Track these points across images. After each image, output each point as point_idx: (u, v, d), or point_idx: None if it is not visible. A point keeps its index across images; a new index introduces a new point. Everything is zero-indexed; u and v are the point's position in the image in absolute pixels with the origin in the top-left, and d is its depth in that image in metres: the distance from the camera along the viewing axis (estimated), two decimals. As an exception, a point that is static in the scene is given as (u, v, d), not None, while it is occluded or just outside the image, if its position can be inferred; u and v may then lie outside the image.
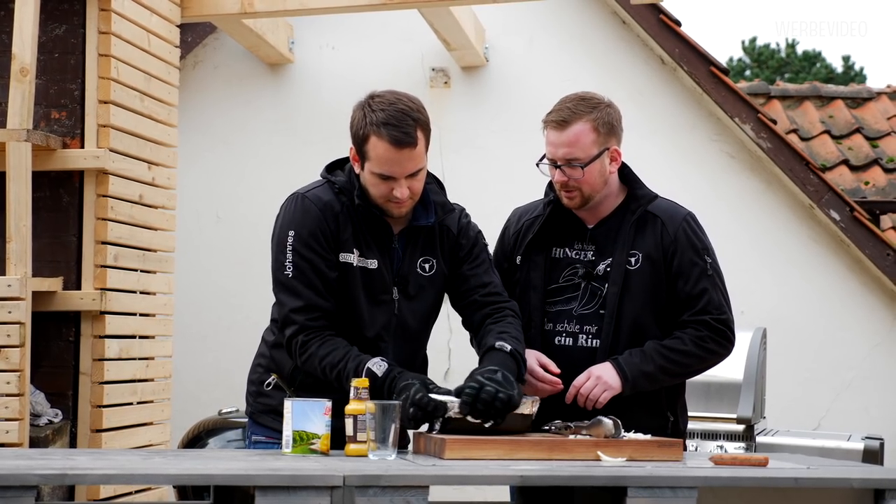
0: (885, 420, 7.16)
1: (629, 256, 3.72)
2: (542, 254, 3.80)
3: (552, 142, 3.72)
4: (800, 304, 7.28)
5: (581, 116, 3.71)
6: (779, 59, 26.79)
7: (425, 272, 3.64)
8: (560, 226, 3.81)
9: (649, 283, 3.71)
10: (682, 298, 3.73)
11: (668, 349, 3.69)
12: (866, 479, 3.23)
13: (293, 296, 3.51)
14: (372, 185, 3.52)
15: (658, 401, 3.77)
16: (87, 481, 2.90)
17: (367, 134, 3.47)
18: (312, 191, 3.60)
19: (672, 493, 3.01)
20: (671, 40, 7.20)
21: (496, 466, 3.10)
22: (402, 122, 3.45)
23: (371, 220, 3.57)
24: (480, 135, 7.43)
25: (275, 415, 3.58)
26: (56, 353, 5.31)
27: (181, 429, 6.32)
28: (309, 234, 3.52)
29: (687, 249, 3.74)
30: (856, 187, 9.22)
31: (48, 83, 5.36)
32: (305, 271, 3.50)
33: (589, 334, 3.73)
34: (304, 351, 3.50)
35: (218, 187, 7.60)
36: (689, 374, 3.80)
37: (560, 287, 3.78)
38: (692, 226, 3.79)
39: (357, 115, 3.52)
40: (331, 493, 2.85)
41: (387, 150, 3.45)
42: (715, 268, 3.78)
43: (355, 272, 3.54)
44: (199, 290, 7.40)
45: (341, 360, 3.45)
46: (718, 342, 3.74)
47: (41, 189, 5.26)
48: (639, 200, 3.79)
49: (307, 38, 7.62)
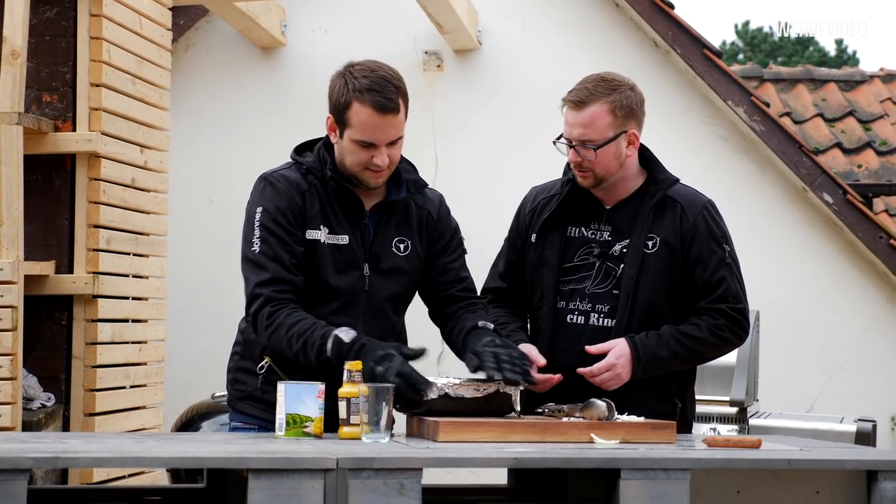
0: (877, 402, 7.18)
1: (647, 239, 3.71)
2: (557, 232, 3.79)
3: (568, 121, 3.70)
4: (793, 287, 7.29)
5: (599, 98, 3.66)
6: (772, 42, 26.78)
7: (399, 252, 3.64)
8: (577, 205, 3.79)
9: (666, 267, 3.70)
10: (699, 285, 3.72)
11: (684, 335, 3.68)
12: (859, 460, 3.24)
13: (259, 269, 3.50)
14: (351, 153, 3.52)
15: (667, 387, 3.76)
16: (80, 464, 2.90)
17: (349, 101, 3.48)
18: (279, 171, 3.62)
19: (665, 475, 3.02)
20: (664, 23, 7.19)
21: (490, 449, 3.10)
22: (385, 89, 3.47)
23: (341, 196, 3.57)
24: (473, 118, 7.42)
25: (251, 401, 3.60)
26: (48, 337, 5.31)
27: (174, 413, 6.31)
28: (276, 210, 3.52)
29: (706, 237, 3.73)
30: (849, 170, 9.23)
31: (39, 66, 5.34)
32: (273, 245, 3.50)
33: (601, 313, 3.72)
34: (272, 322, 3.45)
35: (210, 171, 7.59)
36: (700, 362, 3.81)
37: (574, 266, 3.77)
38: (712, 213, 3.78)
39: (338, 82, 3.52)
40: (324, 476, 2.85)
41: (370, 115, 3.46)
42: (733, 256, 3.77)
43: (324, 248, 3.54)
44: (192, 273, 7.40)
45: (308, 329, 3.41)
46: (734, 331, 3.73)
47: (33, 172, 5.24)
48: (659, 184, 3.77)
49: (299, 21, 7.61)
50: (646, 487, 3.00)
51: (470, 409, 3.38)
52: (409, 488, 2.88)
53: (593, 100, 3.66)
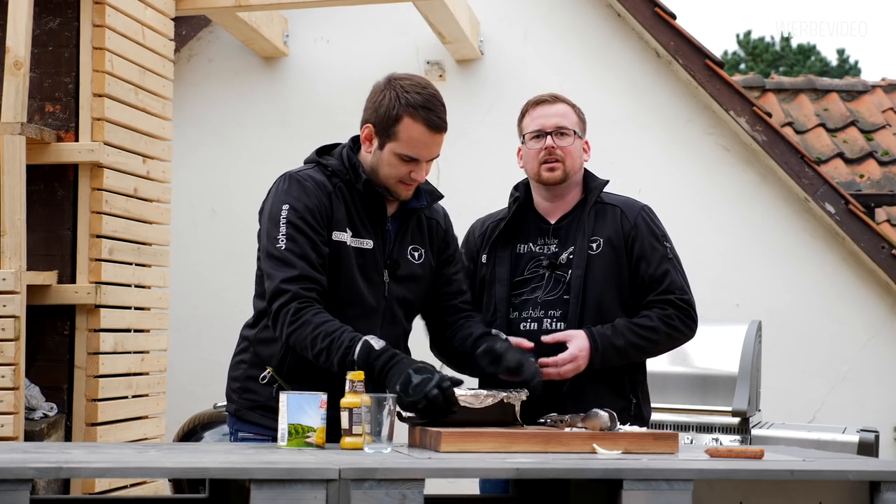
0: (880, 412, 7.17)
1: (591, 242, 3.85)
2: (507, 249, 3.93)
3: (543, 114, 3.90)
4: (795, 297, 7.28)
5: (565, 101, 3.95)
6: (773, 52, 26.79)
7: (415, 260, 3.67)
8: (524, 224, 3.95)
9: (611, 266, 3.84)
10: (645, 281, 3.85)
11: (636, 325, 3.80)
12: (862, 471, 3.23)
13: (286, 266, 3.45)
14: (390, 165, 3.54)
15: (621, 383, 3.85)
16: (83, 475, 2.89)
17: (399, 115, 3.50)
18: (304, 171, 3.61)
19: (668, 485, 3.01)
20: (666, 33, 7.19)
21: (492, 459, 3.10)
22: (437, 108, 3.55)
23: (367, 200, 3.58)
24: (475, 128, 7.42)
25: (263, 411, 3.56)
26: (51, 347, 5.31)
27: (176, 423, 6.31)
28: (304, 208, 3.50)
29: (647, 235, 3.88)
30: (851, 180, 9.23)
31: (42, 76, 5.35)
32: (300, 243, 3.47)
33: (553, 318, 3.82)
34: (297, 319, 3.40)
35: (213, 181, 7.59)
36: (655, 353, 3.89)
37: (525, 279, 3.89)
38: (651, 214, 3.95)
39: (386, 94, 3.53)
40: (326, 487, 2.85)
41: (422, 132, 3.51)
42: (674, 253, 3.92)
43: (349, 251, 3.54)
44: (194, 283, 7.40)
45: (336, 330, 3.38)
46: (683, 321, 3.84)
47: (35, 183, 5.25)
48: (593, 190, 3.93)
49: (302, 31, 7.61)
50: (648, 498, 3.00)
51: (473, 419, 3.38)
52: (412, 499, 2.88)
53: (561, 100, 3.94)
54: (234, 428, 3.66)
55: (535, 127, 3.89)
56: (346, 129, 3.57)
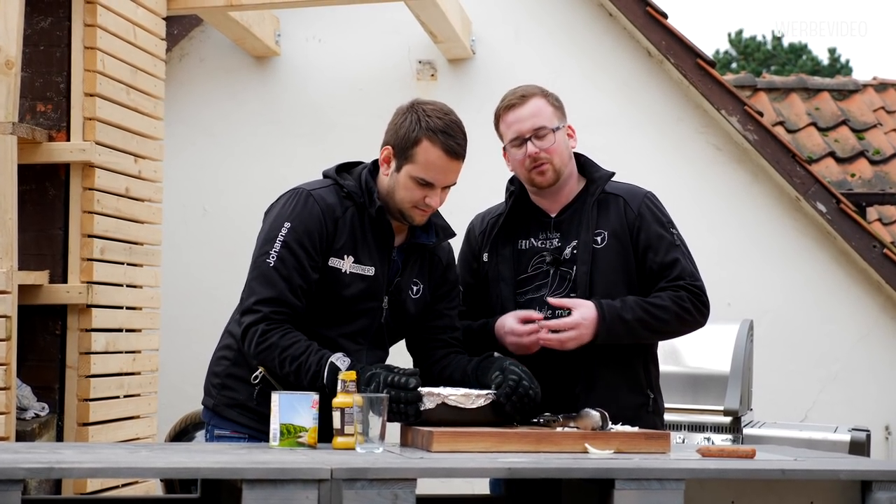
0: (871, 412, 7.18)
1: (595, 235, 3.76)
2: (508, 246, 3.85)
3: (517, 119, 3.79)
4: (786, 297, 7.29)
5: (534, 94, 3.82)
6: (765, 51, 26.82)
7: (413, 294, 3.68)
8: (523, 219, 3.87)
9: (618, 259, 3.76)
10: (654, 270, 3.77)
11: (648, 303, 3.71)
12: (853, 470, 3.24)
13: (267, 285, 3.48)
14: (405, 188, 3.54)
15: (637, 378, 3.79)
16: (74, 475, 2.89)
17: (418, 137, 3.51)
18: (318, 190, 3.59)
19: (659, 485, 3.02)
20: (658, 33, 7.20)
21: (484, 459, 3.10)
22: (457, 134, 3.55)
23: (376, 227, 3.58)
24: (467, 127, 7.38)
25: (241, 409, 3.59)
26: (42, 347, 5.30)
27: (167, 422, 6.31)
28: (304, 231, 3.51)
29: (652, 223, 3.79)
30: (842, 179, 9.25)
31: (34, 76, 5.34)
32: (288, 265, 3.49)
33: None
34: (264, 340, 3.45)
35: (204, 180, 7.58)
36: (663, 334, 3.82)
37: (529, 276, 3.82)
38: (654, 202, 3.86)
39: (408, 117, 3.54)
40: (318, 487, 2.85)
41: (439, 157, 3.51)
42: (681, 240, 3.84)
43: (342, 277, 3.54)
44: (186, 283, 7.39)
45: (303, 352, 3.43)
46: (695, 304, 3.75)
47: (27, 182, 5.24)
48: (596, 182, 3.84)
49: (293, 30, 7.61)
50: (640, 497, 3.00)
51: (465, 419, 3.38)
52: (404, 498, 2.87)
53: (530, 95, 3.81)
54: (210, 423, 3.69)
55: (512, 135, 3.80)
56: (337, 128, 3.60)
